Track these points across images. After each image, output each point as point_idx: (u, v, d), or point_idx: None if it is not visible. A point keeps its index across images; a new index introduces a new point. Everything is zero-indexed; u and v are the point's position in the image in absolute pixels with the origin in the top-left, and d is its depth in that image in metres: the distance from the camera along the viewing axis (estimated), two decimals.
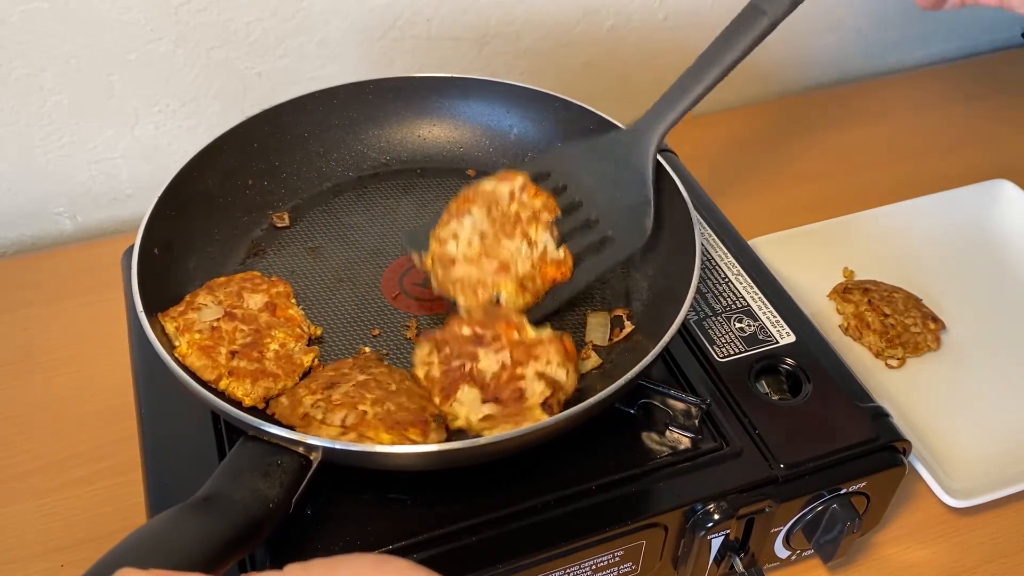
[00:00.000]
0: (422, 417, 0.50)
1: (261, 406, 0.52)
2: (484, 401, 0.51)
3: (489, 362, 0.52)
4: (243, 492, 0.45)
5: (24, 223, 0.88)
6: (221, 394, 0.52)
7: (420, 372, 0.54)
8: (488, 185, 0.60)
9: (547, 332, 0.54)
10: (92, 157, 0.86)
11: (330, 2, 0.84)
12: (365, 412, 0.49)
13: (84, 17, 0.78)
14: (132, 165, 0.88)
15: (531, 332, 0.54)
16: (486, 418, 0.51)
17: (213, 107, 0.87)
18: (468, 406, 0.51)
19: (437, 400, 0.52)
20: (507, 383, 0.52)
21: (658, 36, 0.99)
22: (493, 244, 0.57)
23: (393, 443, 0.49)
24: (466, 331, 0.54)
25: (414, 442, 0.49)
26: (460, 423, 0.52)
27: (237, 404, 0.51)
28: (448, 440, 0.51)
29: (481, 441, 0.46)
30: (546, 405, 0.51)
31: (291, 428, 0.48)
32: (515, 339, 0.53)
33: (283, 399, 0.52)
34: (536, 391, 0.51)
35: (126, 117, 0.85)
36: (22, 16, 0.76)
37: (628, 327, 0.58)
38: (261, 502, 0.44)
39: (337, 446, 0.46)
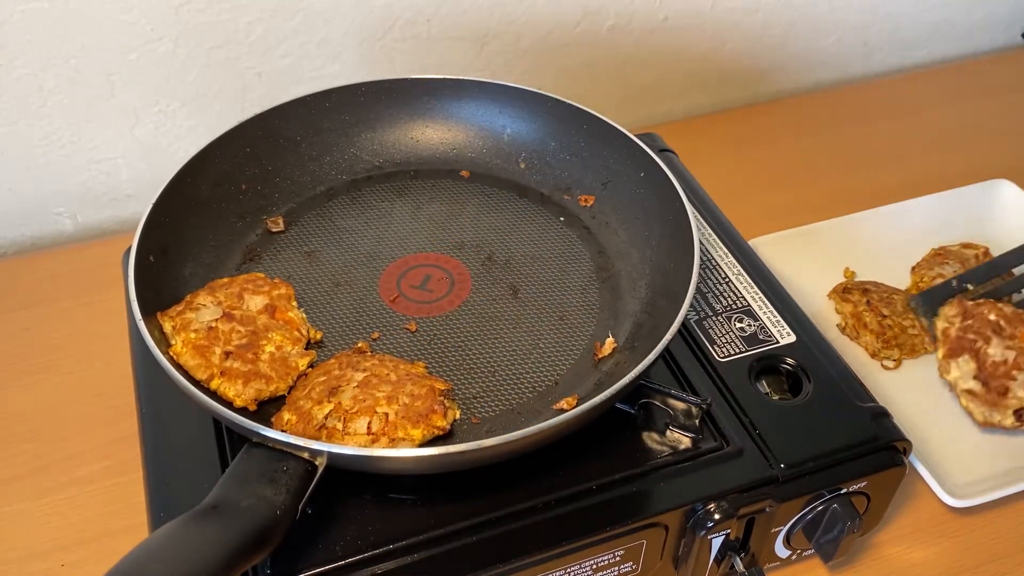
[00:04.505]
0: (436, 400, 0.51)
1: (253, 408, 0.52)
2: (974, 378, 0.64)
3: (997, 351, 0.64)
4: (250, 499, 0.44)
5: (24, 223, 0.88)
6: (214, 394, 0.52)
7: (941, 324, 0.68)
8: None
9: None
10: (92, 157, 0.86)
11: (331, 2, 0.84)
12: (387, 414, 0.49)
13: (84, 17, 0.78)
14: (132, 165, 0.88)
15: None
16: (967, 391, 0.64)
17: (213, 107, 0.87)
18: (961, 373, 0.65)
19: (941, 354, 0.66)
20: (1000, 376, 0.63)
21: (658, 36, 0.99)
22: None
23: (423, 436, 0.50)
24: (992, 316, 0.66)
25: (441, 428, 0.50)
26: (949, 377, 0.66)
27: (228, 404, 0.51)
28: (452, 435, 0.52)
29: (484, 443, 0.45)
30: (1017, 412, 0.63)
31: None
32: None
33: (287, 415, 0.51)
34: (1016, 395, 0.63)
35: (126, 117, 0.85)
36: (22, 16, 0.76)
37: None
38: (269, 509, 0.44)
39: (344, 451, 0.46)
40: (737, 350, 0.60)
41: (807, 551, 0.58)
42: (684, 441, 0.54)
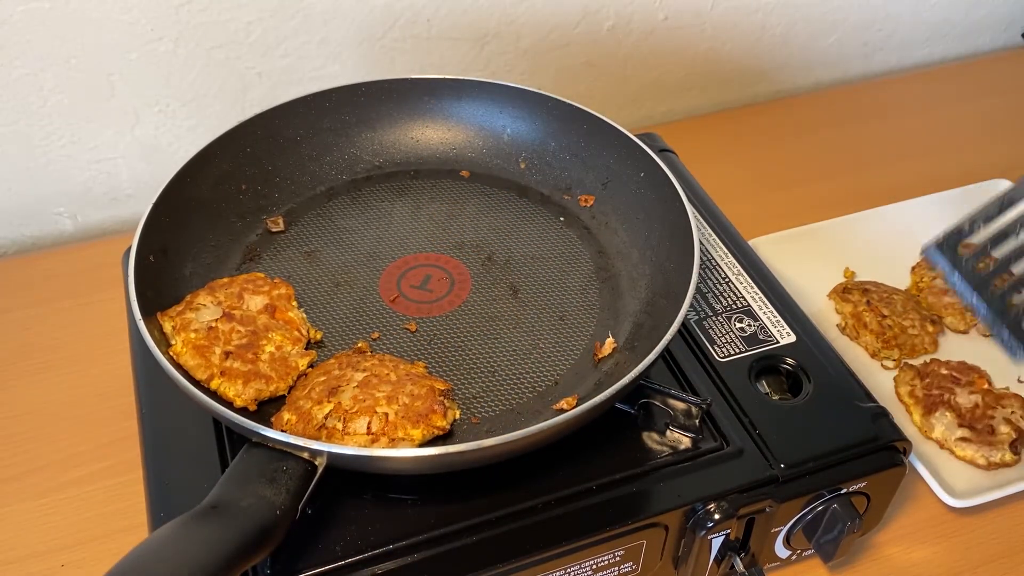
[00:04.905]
0: (436, 400, 0.51)
1: (253, 408, 0.52)
2: (959, 426, 0.65)
3: (965, 399, 0.66)
4: (250, 499, 0.44)
5: (24, 223, 0.88)
6: (214, 394, 0.52)
7: (903, 391, 0.68)
8: None
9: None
10: (92, 157, 0.86)
11: (331, 2, 0.84)
12: (387, 414, 0.49)
13: (84, 17, 0.78)
14: (132, 165, 0.88)
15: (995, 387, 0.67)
16: (960, 439, 0.64)
17: (213, 107, 0.87)
18: (945, 427, 0.65)
19: (917, 416, 0.66)
20: (980, 417, 0.65)
21: (658, 36, 0.99)
22: None
23: (423, 436, 0.50)
24: (944, 371, 0.68)
25: (441, 428, 0.50)
26: (934, 435, 0.66)
27: (228, 404, 0.51)
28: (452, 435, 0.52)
29: (484, 443, 0.46)
30: (1012, 445, 0.64)
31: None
32: (985, 387, 0.67)
33: (287, 415, 0.51)
34: (1002, 431, 0.64)
35: (126, 117, 0.85)
36: (22, 16, 0.76)
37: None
38: (268, 509, 0.44)
39: (344, 451, 0.46)
40: (737, 350, 0.60)
41: (807, 551, 0.58)
42: (684, 441, 0.54)
